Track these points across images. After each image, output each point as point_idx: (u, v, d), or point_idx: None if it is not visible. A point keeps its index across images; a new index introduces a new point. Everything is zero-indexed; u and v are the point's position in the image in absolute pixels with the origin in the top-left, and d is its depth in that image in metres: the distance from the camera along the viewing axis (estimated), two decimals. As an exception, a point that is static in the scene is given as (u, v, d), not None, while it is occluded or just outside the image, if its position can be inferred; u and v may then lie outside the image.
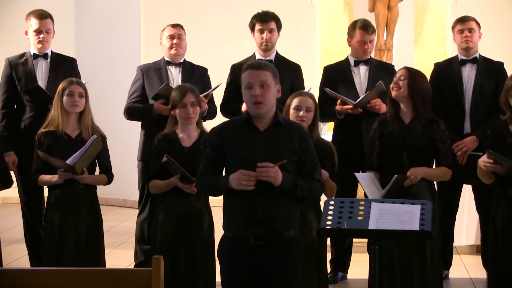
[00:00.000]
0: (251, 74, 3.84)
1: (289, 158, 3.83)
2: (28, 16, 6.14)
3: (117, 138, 7.05)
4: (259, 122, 3.87)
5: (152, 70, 6.09)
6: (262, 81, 3.82)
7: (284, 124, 3.90)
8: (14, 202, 6.49)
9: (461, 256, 6.77)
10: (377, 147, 5.13)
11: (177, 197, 4.86)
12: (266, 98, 3.82)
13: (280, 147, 3.83)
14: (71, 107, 5.18)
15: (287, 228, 3.86)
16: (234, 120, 4.02)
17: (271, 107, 3.87)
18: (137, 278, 3.05)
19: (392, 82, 5.14)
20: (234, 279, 3.88)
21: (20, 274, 3.14)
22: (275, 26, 6.06)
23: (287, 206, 3.86)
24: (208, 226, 4.92)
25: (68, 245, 5.09)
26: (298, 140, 3.87)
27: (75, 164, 5.03)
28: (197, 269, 4.83)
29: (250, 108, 3.86)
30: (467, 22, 5.99)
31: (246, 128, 3.88)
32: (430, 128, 5.08)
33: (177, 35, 6.05)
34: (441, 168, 5.13)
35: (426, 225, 3.81)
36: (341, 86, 5.96)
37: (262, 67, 3.86)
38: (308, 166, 3.90)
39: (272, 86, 3.85)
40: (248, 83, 3.84)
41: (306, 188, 3.86)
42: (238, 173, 3.77)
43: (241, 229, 3.82)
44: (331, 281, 5.91)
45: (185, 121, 4.88)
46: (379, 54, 7.89)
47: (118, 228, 8.38)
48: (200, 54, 8.98)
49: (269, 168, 3.73)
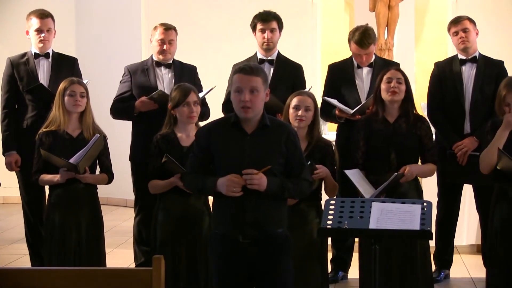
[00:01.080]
0: (242, 78, 3.88)
1: (276, 161, 3.87)
2: (29, 16, 6.14)
3: (117, 137, 7.04)
4: (246, 125, 3.91)
5: (139, 70, 6.03)
6: (252, 87, 3.86)
7: (271, 127, 3.92)
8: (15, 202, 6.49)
9: (462, 255, 6.77)
10: (361, 147, 5.15)
11: (177, 196, 4.86)
12: (255, 103, 3.86)
13: (267, 150, 3.87)
14: (73, 107, 5.18)
15: (276, 227, 3.91)
16: (222, 121, 4.04)
17: (258, 111, 3.91)
18: (138, 278, 3.05)
19: (386, 84, 5.10)
20: (224, 276, 3.92)
21: (21, 273, 3.14)
22: (276, 25, 6.05)
23: (275, 207, 3.91)
24: (208, 226, 4.91)
25: (69, 244, 5.10)
26: (285, 142, 3.90)
27: (78, 163, 5.03)
28: (197, 269, 4.83)
29: (238, 111, 3.90)
30: (461, 23, 5.97)
31: (233, 130, 3.91)
32: (415, 126, 5.12)
33: (168, 40, 5.96)
34: (429, 165, 5.17)
35: (426, 225, 3.82)
36: (344, 87, 5.95)
37: (253, 73, 3.88)
38: (295, 167, 3.94)
39: (261, 92, 3.89)
40: (238, 86, 3.88)
41: (293, 189, 3.91)
42: (227, 179, 3.81)
43: (230, 229, 3.88)
44: (332, 281, 5.91)
45: (188, 120, 4.88)
46: (380, 54, 7.88)
47: (119, 227, 8.38)
48: (200, 53, 9.02)
49: (253, 176, 3.78)
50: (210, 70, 7.33)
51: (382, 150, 5.09)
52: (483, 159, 4.93)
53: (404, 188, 5.02)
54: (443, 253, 6.08)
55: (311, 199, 4.77)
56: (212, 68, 8.17)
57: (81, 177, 5.10)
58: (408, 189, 5.04)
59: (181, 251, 4.82)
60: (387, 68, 5.28)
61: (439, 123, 5.93)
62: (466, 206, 6.63)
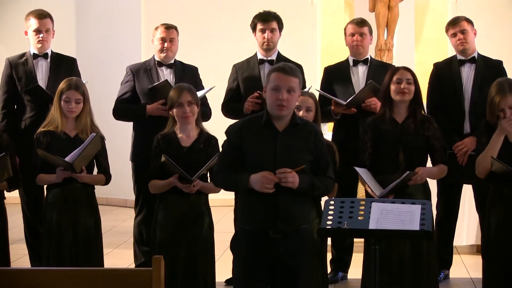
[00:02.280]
0: (281, 77, 3.98)
1: (306, 158, 4.00)
2: (28, 16, 6.13)
3: (117, 137, 7.04)
4: (278, 123, 4.01)
5: (142, 70, 6.04)
6: (290, 87, 3.98)
7: (300, 125, 4.05)
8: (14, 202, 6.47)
9: (462, 256, 6.77)
10: (368, 148, 5.13)
11: (177, 197, 4.86)
12: (291, 102, 3.99)
13: (297, 147, 4.00)
14: (67, 112, 5.19)
15: (304, 222, 4.07)
16: (252, 119, 4.13)
17: (292, 110, 4.03)
18: (137, 278, 3.05)
19: (396, 85, 5.09)
20: (249, 271, 4.01)
21: (20, 274, 3.14)
22: (276, 26, 6.06)
23: (304, 202, 4.07)
24: (208, 226, 4.92)
25: (66, 244, 5.10)
26: (313, 140, 4.05)
27: (74, 161, 5.03)
28: (196, 269, 4.83)
29: (273, 109, 3.99)
30: (458, 24, 5.97)
31: (265, 128, 4.01)
32: (423, 126, 5.10)
33: (169, 38, 5.98)
34: (439, 166, 5.15)
35: (426, 225, 3.82)
36: (339, 85, 5.99)
37: (293, 73, 4.00)
38: (322, 164, 4.08)
39: (297, 92, 4.03)
40: (276, 85, 3.97)
41: (321, 187, 4.08)
42: (261, 176, 3.91)
43: (262, 224, 3.98)
44: (332, 281, 5.91)
45: (183, 120, 4.88)
46: (380, 54, 7.88)
47: (118, 228, 8.37)
48: (200, 54, 9.02)
49: (287, 174, 3.90)
50: (211, 70, 7.34)
51: (390, 150, 5.07)
52: (479, 164, 4.95)
53: (411, 189, 4.99)
54: (442, 253, 6.07)
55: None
56: (213, 69, 8.17)
57: (78, 176, 5.10)
58: (415, 191, 5.01)
59: (180, 251, 4.82)
60: (395, 68, 5.26)
61: (438, 123, 5.92)
62: (466, 206, 6.63)
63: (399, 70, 5.15)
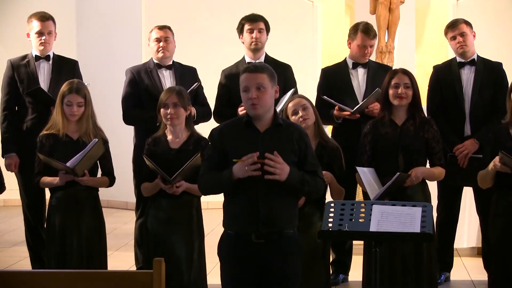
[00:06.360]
0: (248, 77, 3.94)
1: (289, 159, 3.89)
2: (30, 18, 6.14)
3: (118, 140, 7.04)
4: (259, 123, 3.95)
5: (142, 72, 6.05)
6: (258, 83, 3.91)
7: (284, 126, 3.98)
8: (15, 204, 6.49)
9: (462, 258, 6.76)
10: (367, 151, 5.14)
11: (166, 200, 4.90)
12: (262, 100, 3.90)
13: (280, 148, 3.88)
14: (69, 116, 5.19)
15: (288, 226, 3.94)
16: (234, 121, 4.08)
17: (268, 108, 3.95)
18: (138, 280, 3.06)
19: (394, 89, 5.09)
20: (236, 276, 3.93)
21: (21, 276, 3.14)
22: (264, 26, 6.06)
23: (288, 205, 3.94)
24: (197, 229, 4.94)
25: (70, 247, 5.10)
26: (297, 141, 3.96)
27: (75, 166, 5.03)
28: (189, 271, 4.85)
29: (248, 109, 3.95)
30: (457, 27, 5.97)
31: (246, 129, 3.96)
32: (423, 129, 5.11)
33: (164, 38, 5.99)
34: (437, 168, 5.15)
35: (427, 227, 3.82)
36: (339, 89, 5.96)
37: (258, 70, 3.95)
38: (308, 165, 3.97)
39: (268, 88, 3.94)
40: (245, 86, 3.94)
41: (312, 184, 3.95)
42: (241, 161, 3.81)
43: (244, 227, 3.89)
44: (333, 283, 5.90)
45: (167, 121, 4.92)
46: (380, 57, 7.90)
47: (120, 230, 8.38)
48: (200, 56, 9.02)
49: (277, 159, 3.79)
50: (210, 72, 7.32)
51: (390, 152, 5.07)
52: (481, 180, 4.97)
53: (410, 191, 5.00)
54: (443, 256, 6.07)
55: (315, 202, 4.77)
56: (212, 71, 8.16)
57: (80, 180, 5.10)
58: (415, 192, 5.02)
59: (171, 254, 4.81)
60: (393, 71, 5.26)
61: (439, 125, 5.93)
62: (466, 209, 6.63)
63: (397, 74, 5.16)
